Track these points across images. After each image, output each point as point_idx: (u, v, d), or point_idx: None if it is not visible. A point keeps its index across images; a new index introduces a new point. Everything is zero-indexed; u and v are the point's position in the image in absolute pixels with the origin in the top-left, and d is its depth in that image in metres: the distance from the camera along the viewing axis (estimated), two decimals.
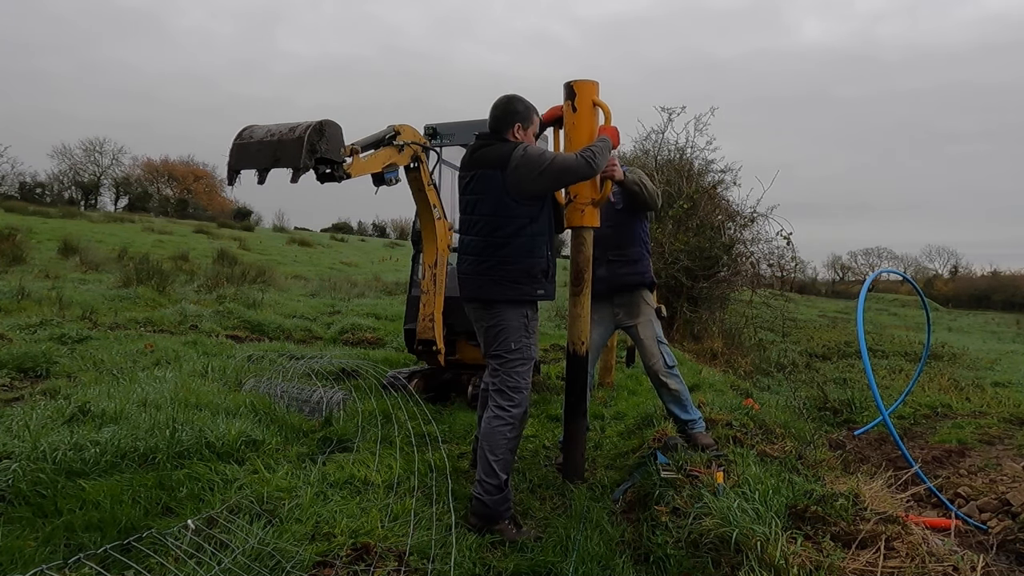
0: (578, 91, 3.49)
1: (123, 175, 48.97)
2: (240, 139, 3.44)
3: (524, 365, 3.20)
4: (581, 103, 3.50)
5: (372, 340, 8.53)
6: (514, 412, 3.16)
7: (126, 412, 3.84)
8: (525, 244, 3.16)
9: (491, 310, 3.21)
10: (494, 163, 3.15)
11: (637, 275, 3.94)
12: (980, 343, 18.17)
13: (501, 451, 3.10)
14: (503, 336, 3.20)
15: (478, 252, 3.21)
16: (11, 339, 6.08)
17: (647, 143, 13.64)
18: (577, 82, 3.51)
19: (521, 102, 3.32)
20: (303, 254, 24.46)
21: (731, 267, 12.12)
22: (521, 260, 3.16)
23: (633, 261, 3.94)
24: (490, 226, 3.17)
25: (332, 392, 4.80)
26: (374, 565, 2.54)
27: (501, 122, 3.27)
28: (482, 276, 3.20)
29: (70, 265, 13.11)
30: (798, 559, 2.31)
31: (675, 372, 3.82)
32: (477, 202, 3.23)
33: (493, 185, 3.15)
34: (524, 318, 3.20)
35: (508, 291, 3.16)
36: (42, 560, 2.37)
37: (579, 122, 3.50)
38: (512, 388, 3.17)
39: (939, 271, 60.85)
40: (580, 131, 3.48)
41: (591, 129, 3.50)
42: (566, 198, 3.60)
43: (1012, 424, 5.98)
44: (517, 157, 3.09)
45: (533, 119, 3.34)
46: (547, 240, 3.26)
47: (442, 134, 5.76)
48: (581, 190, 3.54)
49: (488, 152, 3.21)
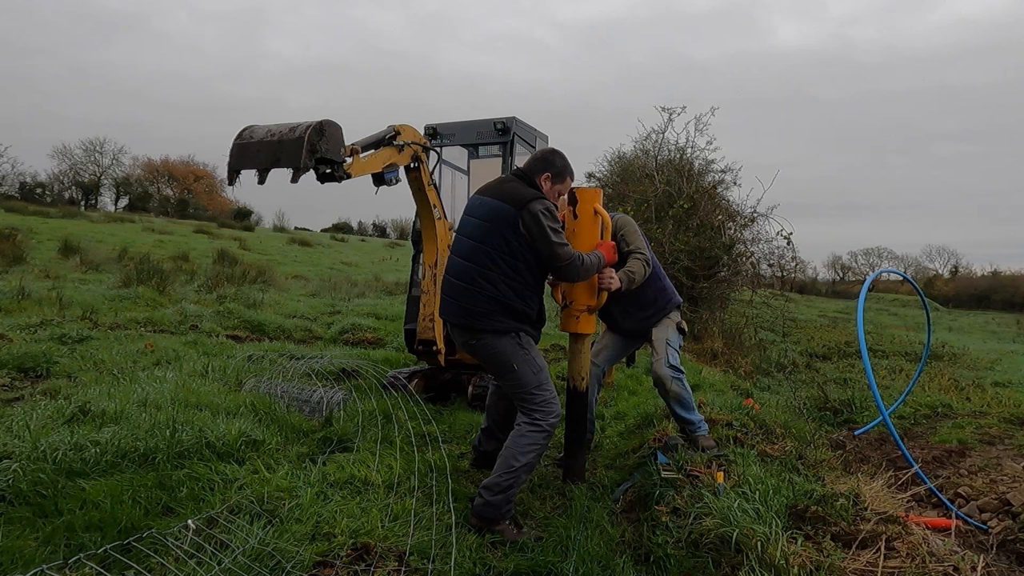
0: (580, 198, 3.56)
1: (123, 175, 49.06)
2: (240, 139, 3.44)
3: (539, 380, 3.17)
4: (583, 210, 3.56)
5: (372, 340, 8.53)
6: (551, 421, 3.15)
7: (126, 412, 3.84)
8: (516, 287, 3.14)
9: (480, 339, 3.17)
10: (515, 200, 3.13)
11: (661, 311, 3.96)
12: (980, 343, 18.18)
13: (531, 456, 3.09)
14: (503, 363, 3.17)
15: (469, 280, 3.16)
16: (11, 339, 6.08)
17: (647, 143, 13.66)
18: (580, 189, 3.58)
19: (561, 159, 3.37)
20: (303, 254, 24.46)
21: (731, 267, 12.11)
22: (511, 300, 3.13)
23: (653, 302, 3.95)
24: (487, 258, 3.12)
25: (332, 392, 4.80)
26: (374, 565, 2.54)
27: (534, 167, 3.33)
28: (469, 305, 3.15)
29: (70, 265, 13.11)
30: (798, 559, 2.31)
31: (679, 376, 3.81)
32: (482, 229, 3.18)
33: (504, 219, 3.12)
34: (516, 338, 3.17)
35: (496, 323, 3.13)
36: (42, 560, 2.37)
37: (579, 229, 3.57)
38: (541, 404, 3.15)
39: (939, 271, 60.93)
40: (580, 237, 3.55)
41: (592, 236, 3.56)
42: (563, 302, 3.66)
43: (1012, 424, 5.97)
44: (539, 209, 3.09)
45: (565, 179, 3.38)
46: (538, 290, 3.27)
47: (442, 134, 5.76)
48: (578, 296, 3.59)
49: (514, 188, 3.21)
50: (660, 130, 12.98)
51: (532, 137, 5.92)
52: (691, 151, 12.75)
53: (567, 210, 3.58)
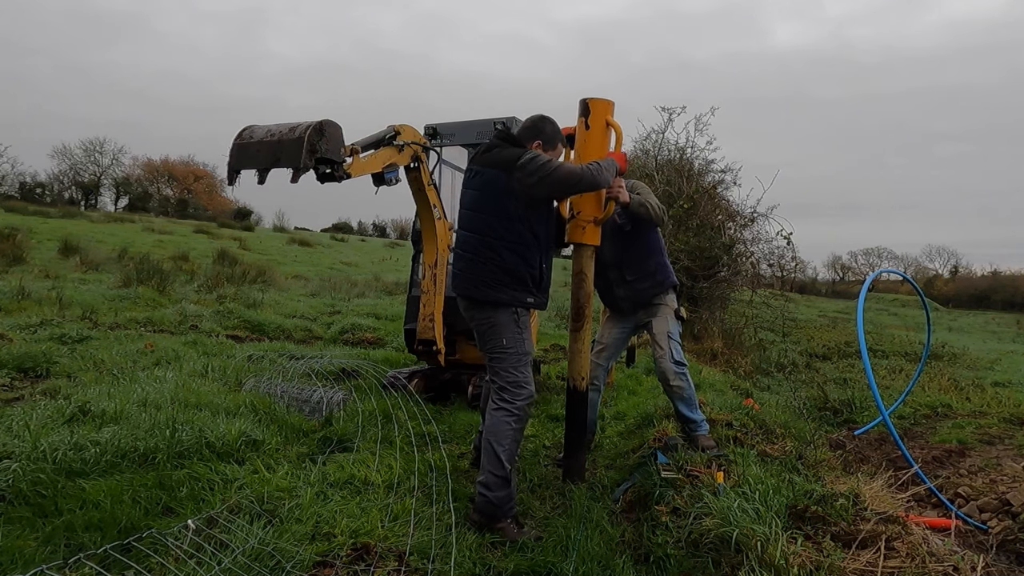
0: (592, 109, 3.51)
1: (123, 175, 49.00)
2: (240, 139, 3.43)
3: (520, 360, 3.21)
4: (594, 121, 3.51)
5: (372, 340, 8.53)
6: (518, 404, 3.17)
7: (126, 412, 3.84)
8: (518, 249, 3.17)
9: (481, 309, 3.24)
10: (501, 163, 3.17)
11: (658, 285, 3.97)
12: (980, 343, 18.18)
13: (507, 442, 3.11)
14: (494, 333, 3.22)
15: (472, 250, 3.24)
16: (11, 339, 6.07)
17: (647, 143, 13.63)
18: (592, 100, 3.53)
19: (551, 124, 3.36)
20: (303, 254, 24.45)
21: (731, 267, 12.09)
22: (513, 264, 3.17)
23: (651, 274, 3.95)
24: (486, 225, 3.20)
25: (332, 392, 4.80)
26: (374, 565, 2.54)
27: (524, 133, 3.34)
28: (473, 275, 3.22)
29: (70, 265, 13.11)
30: (798, 559, 2.31)
31: (683, 371, 3.80)
32: (477, 199, 3.26)
33: (496, 185, 3.17)
34: (515, 315, 3.21)
35: (499, 293, 3.18)
36: (42, 560, 2.37)
37: (591, 139, 3.51)
38: (512, 383, 3.18)
39: (939, 271, 60.86)
40: (591, 148, 3.50)
41: (602, 148, 3.51)
42: (569, 214, 3.61)
43: (1012, 424, 5.98)
44: (524, 161, 3.11)
45: (557, 146, 3.38)
46: (541, 250, 3.27)
47: (442, 134, 5.77)
48: (584, 207, 3.54)
49: (499, 152, 3.23)
50: (660, 130, 12.97)
51: None
52: (691, 151, 12.74)
53: (579, 121, 3.53)
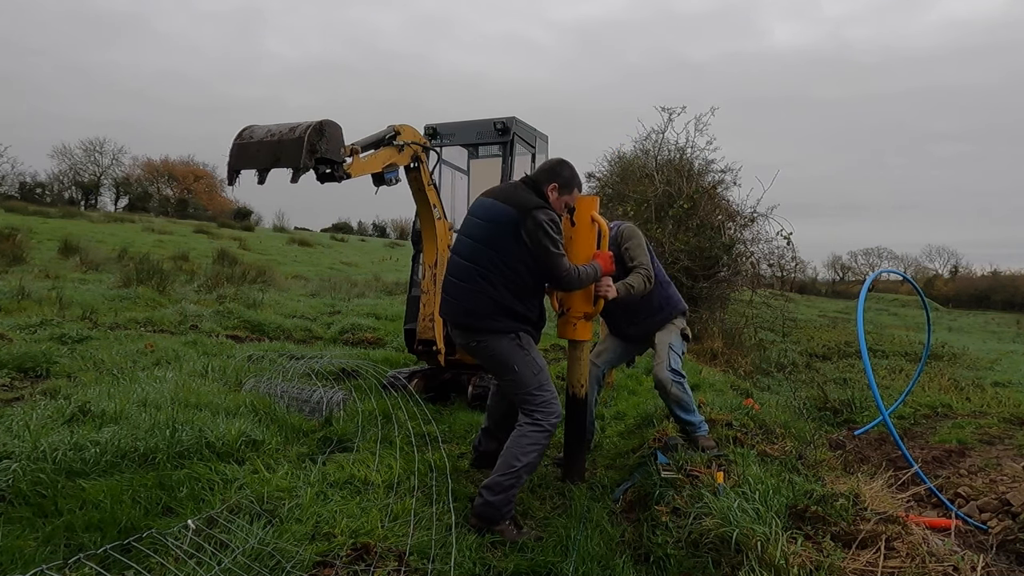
0: (578, 206, 3.55)
1: (123, 175, 48.98)
2: (240, 139, 3.44)
3: (540, 378, 3.18)
4: (580, 218, 3.56)
5: (372, 340, 8.53)
6: (552, 421, 3.16)
7: (126, 412, 3.84)
8: (516, 289, 3.15)
9: (480, 340, 3.19)
10: (519, 205, 3.14)
11: (666, 316, 3.97)
12: (980, 343, 18.17)
13: (532, 456, 3.09)
14: (503, 363, 3.18)
15: (469, 280, 3.18)
16: (11, 339, 6.07)
17: (647, 143, 13.65)
18: (577, 197, 3.55)
19: (569, 169, 3.38)
20: (303, 254, 24.46)
21: (731, 267, 12.09)
22: (510, 302, 3.15)
23: (659, 309, 3.95)
24: (487, 260, 3.14)
25: (332, 392, 4.79)
26: (374, 565, 2.54)
27: (542, 176, 3.34)
28: (470, 305, 3.17)
29: (70, 265, 13.11)
30: (798, 559, 2.31)
31: (680, 380, 3.80)
32: (484, 230, 3.20)
33: (507, 223, 3.13)
34: (516, 339, 3.17)
35: (495, 323, 3.15)
36: (42, 560, 2.37)
37: (577, 236, 3.56)
38: (542, 404, 3.16)
39: (939, 271, 60.85)
40: (578, 245, 3.54)
41: (589, 245, 3.55)
42: (559, 309, 3.65)
43: (1012, 424, 5.98)
44: (541, 219, 3.10)
45: (572, 190, 3.38)
46: (539, 295, 3.28)
47: (442, 134, 5.76)
48: (574, 304, 3.58)
49: (520, 193, 3.22)
50: (660, 130, 12.97)
51: (532, 137, 5.92)
52: (691, 151, 12.75)
53: (564, 218, 3.57)
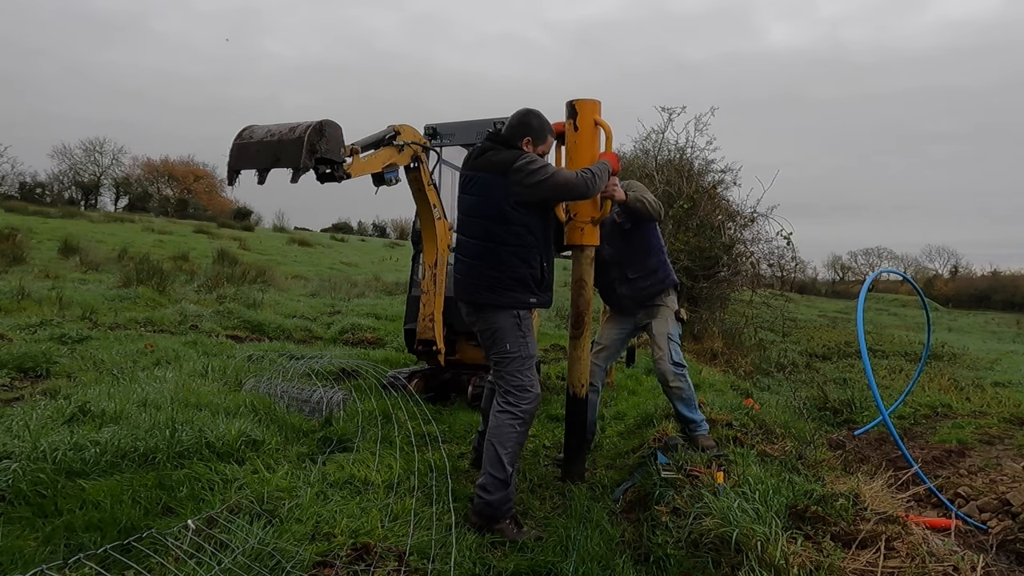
0: (580, 110, 3.51)
1: (123, 175, 48.95)
2: (240, 139, 3.43)
3: (524, 364, 3.20)
4: (583, 122, 3.51)
5: (372, 340, 8.53)
6: (524, 407, 3.17)
7: (126, 412, 3.84)
8: (519, 252, 3.17)
9: (482, 313, 3.23)
10: (496, 167, 3.16)
11: (659, 283, 3.98)
12: (980, 343, 18.17)
13: (511, 444, 3.10)
14: (498, 338, 3.21)
15: (472, 255, 3.24)
16: (11, 339, 6.08)
17: (647, 143, 13.65)
18: (579, 101, 3.52)
19: (537, 118, 3.34)
20: (303, 254, 24.45)
21: (731, 267, 12.11)
22: (514, 267, 3.16)
23: (652, 271, 3.97)
24: (485, 230, 3.19)
25: (332, 392, 4.79)
26: (374, 565, 2.54)
27: (513, 132, 3.31)
28: (475, 280, 3.22)
29: (70, 265, 13.11)
30: (798, 559, 2.31)
31: (682, 372, 3.82)
32: (475, 204, 3.25)
33: (492, 189, 3.16)
34: (516, 318, 3.21)
35: (500, 297, 3.17)
36: (42, 560, 2.37)
37: (580, 141, 3.51)
38: (517, 387, 3.18)
39: (939, 271, 60.79)
40: (581, 150, 3.50)
41: (592, 148, 3.51)
42: (566, 216, 3.61)
43: (1012, 424, 5.98)
44: (519, 165, 3.11)
45: (547, 138, 3.36)
46: (542, 250, 3.27)
47: (442, 134, 5.76)
48: (581, 208, 3.55)
49: (492, 156, 3.23)
50: (660, 130, 13.00)
51: None
52: (691, 151, 12.76)
53: (567, 123, 3.52)
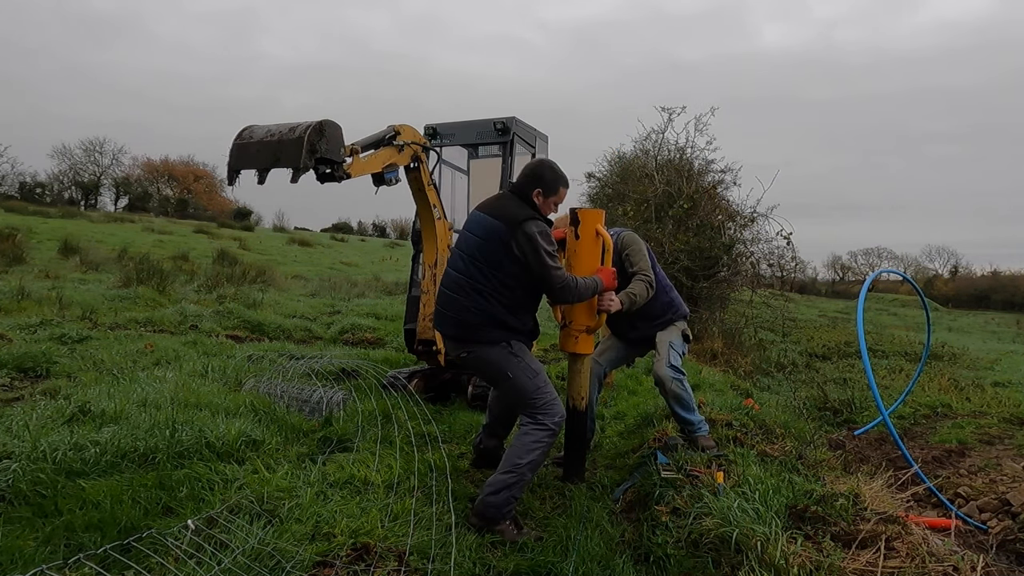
0: (582, 219, 3.53)
1: (123, 175, 48.96)
2: (240, 139, 3.44)
3: (537, 379, 3.17)
4: (584, 231, 3.53)
5: (372, 340, 8.53)
6: (556, 420, 3.15)
7: (126, 412, 3.84)
8: (509, 306, 3.15)
9: (467, 345, 3.19)
10: (507, 219, 3.12)
11: (668, 320, 3.97)
12: (980, 343, 18.17)
13: (538, 455, 3.08)
14: (495, 371, 3.18)
15: (461, 293, 3.18)
16: (11, 339, 6.08)
17: (647, 143, 13.65)
18: (582, 210, 3.54)
19: (551, 171, 3.32)
20: (303, 254, 24.46)
21: (731, 267, 12.10)
22: (501, 316, 3.14)
23: (661, 314, 3.96)
24: (480, 274, 3.14)
25: (332, 392, 4.80)
26: (374, 565, 2.54)
27: (525, 183, 3.30)
28: (459, 318, 3.17)
29: (70, 265, 13.11)
30: (798, 559, 2.31)
31: (679, 377, 3.81)
32: (476, 246, 3.19)
33: (497, 238, 3.12)
34: (506, 347, 3.16)
35: (483, 334, 3.14)
36: (42, 560, 2.37)
37: (581, 250, 3.53)
38: (544, 406, 3.15)
39: (939, 271, 60.78)
40: (581, 258, 3.52)
41: (592, 258, 3.51)
42: (561, 322, 3.63)
43: (1012, 424, 5.98)
44: (530, 233, 3.08)
45: (558, 190, 3.33)
46: (532, 306, 3.27)
47: (442, 134, 5.77)
48: (577, 316, 3.56)
49: (508, 206, 3.20)
50: (660, 130, 12.98)
51: (532, 137, 5.92)
52: (691, 151, 12.75)
53: (569, 230, 3.55)
